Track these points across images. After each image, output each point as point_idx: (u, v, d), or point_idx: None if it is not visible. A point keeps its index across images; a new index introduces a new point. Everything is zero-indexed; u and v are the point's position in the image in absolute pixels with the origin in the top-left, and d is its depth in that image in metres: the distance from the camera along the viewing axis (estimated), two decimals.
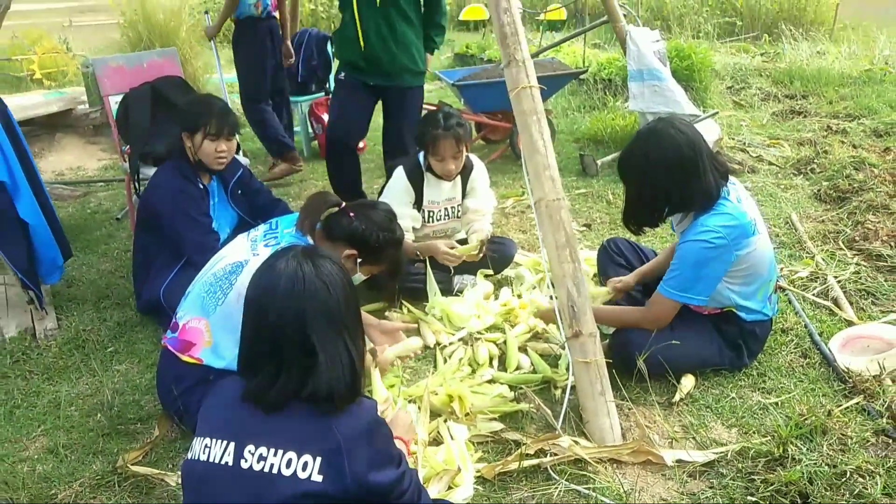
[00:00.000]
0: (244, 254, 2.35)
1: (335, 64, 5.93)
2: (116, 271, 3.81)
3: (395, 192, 3.26)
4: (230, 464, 1.43)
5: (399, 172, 3.30)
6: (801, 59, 7.97)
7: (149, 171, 3.63)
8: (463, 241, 3.33)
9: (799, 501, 2.00)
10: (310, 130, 5.93)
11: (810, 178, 4.67)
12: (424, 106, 4.25)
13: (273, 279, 1.50)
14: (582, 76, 6.09)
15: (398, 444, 1.82)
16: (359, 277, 2.44)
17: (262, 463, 1.41)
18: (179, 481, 2.12)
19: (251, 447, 1.43)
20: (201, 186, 3.10)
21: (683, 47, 6.46)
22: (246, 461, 1.42)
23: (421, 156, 3.27)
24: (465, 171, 3.35)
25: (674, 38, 8.29)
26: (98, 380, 2.80)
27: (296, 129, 6.18)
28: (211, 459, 1.46)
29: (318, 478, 1.39)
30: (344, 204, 2.41)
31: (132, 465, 2.26)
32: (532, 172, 2.46)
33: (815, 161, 4.86)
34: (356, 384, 1.50)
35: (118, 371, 2.87)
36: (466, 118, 5.22)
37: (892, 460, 2.14)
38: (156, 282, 3.06)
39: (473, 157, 3.45)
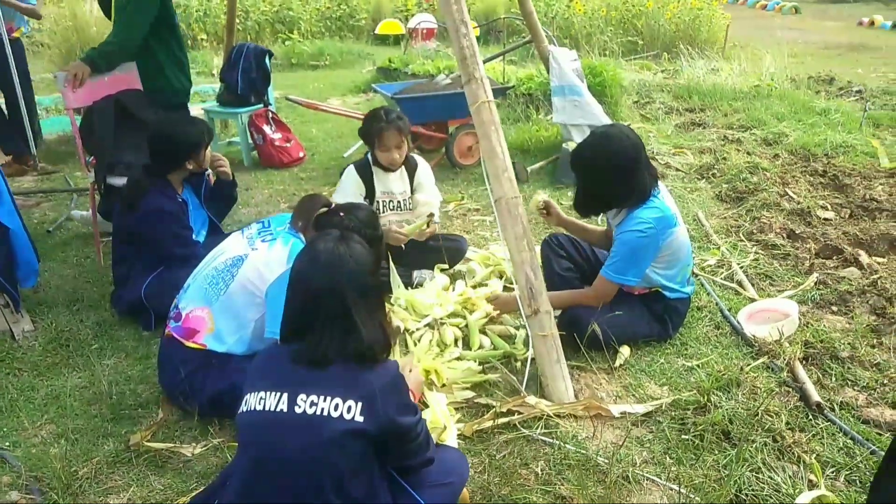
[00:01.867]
0: (243, 249, 2.63)
1: (273, 77, 6.22)
2: (80, 276, 3.94)
3: (347, 187, 3.62)
4: (285, 410, 1.74)
5: (349, 169, 3.68)
6: (698, 76, 8.79)
7: (116, 181, 3.80)
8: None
9: (722, 437, 2.47)
10: (249, 141, 6.13)
11: (712, 181, 5.30)
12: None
13: (315, 255, 1.83)
14: (508, 90, 6.56)
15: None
16: None
17: (313, 408, 1.72)
18: (193, 452, 2.40)
19: (303, 395, 1.73)
20: (180, 199, 3.35)
21: (596, 65, 7.06)
22: (299, 407, 1.73)
23: (370, 154, 3.64)
24: (411, 168, 3.74)
25: (584, 57, 8.95)
26: (90, 373, 2.97)
27: (235, 139, 6.39)
28: (267, 408, 1.75)
29: (360, 418, 1.71)
30: (334, 204, 2.73)
31: (145, 442, 2.49)
32: (492, 174, 2.85)
33: (716, 167, 5.50)
34: (388, 343, 1.83)
35: (108, 365, 3.05)
36: None
37: (791, 403, 2.65)
38: (137, 284, 3.27)
39: (417, 157, 3.85)
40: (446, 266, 3.71)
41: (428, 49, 11.03)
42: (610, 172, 2.87)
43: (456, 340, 3.15)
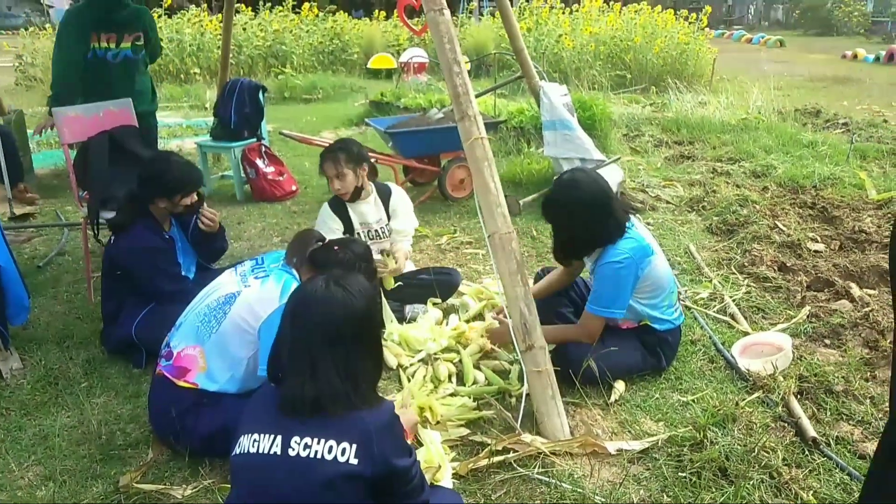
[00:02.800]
0: (235, 286, 2.62)
1: (267, 111, 6.25)
2: (70, 313, 3.91)
3: (324, 223, 3.66)
4: (278, 452, 1.71)
5: (324, 207, 3.75)
6: (686, 109, 8.92)
7: (109, 215, 3.80)
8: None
9: (719, 474, 2.45)
10: (242, 175, 6.14)
11: (702, 213, 5.34)
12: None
13: (307, 294, 1.82)
14: (501, 124, 6.62)
15: None
16: None
17: (307, 450, 1.70)
18: (184, 493, 2.36)
19: (297, 438, 1.72)
20: (167, 237, 3.35)
21: (585, 99, 7.15)
22: (293, 450, 1.71)
23: None
24: (384, 196, 3.80)
25: (573, 91, 9.07)
26: (79, 412, 2.93)
27: (228, 173, 6.40)
28: (261, 451, 1.73)
29: (354, 461, 1.69)
30: (328, 239, 2.72)
31: (135, 483, 2.45)
32: (485, 210, 2.85)
33: (706, 199, 5.55)
34: (360, 392, 1.78)
35: (97, 404, 3.01)
36: (396, 163, 5.68)
37: (787, 439, 2.64)
38: (127, 321, 3.25)
39: (392, 185, 3.92)
40: (439, 300, 3.70)
41: (420, 83, 11.15)
42: (585, 215, 2.92)
43: (450, 376, 3.14)
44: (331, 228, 3.60)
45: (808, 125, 8.73)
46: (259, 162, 6.06)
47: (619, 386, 3.00)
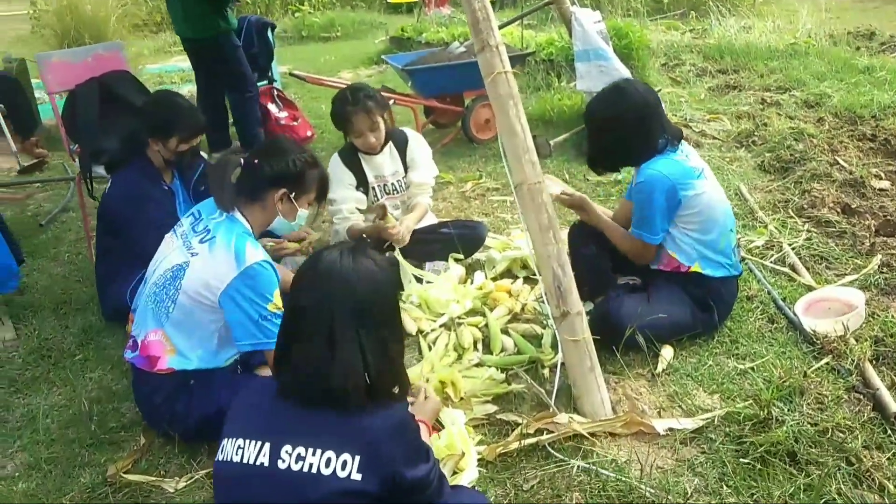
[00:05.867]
0: (181, 255, 2.26)
1: (281, 51, 5.84)
2: (71, 275, 3.66)
3: (335, 177, 3.25)
4: (266, 465, 1.42)
5: (334, 159, 3.33)
6: (729, 35, 8.24)
7: (101, 170, 3.50)
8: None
9: (787, 460, 2.11)
10: None
11: (752, 150, 4.86)
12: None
13: (312, 266, 1.52)
14: (528, 57, 6.13)
15: (422, 428, 1.85)
16: (304, 214, 2.41)
17: (300, 463, 1.40)
18: (176, 486, 2.10)
19: (288, 447, 1.41)
20: (165, 187, 3.01)
21: (621, 26, 6.58)
22: (283, 461, 1.41)
23: None
24: (400, 144, 3.38)
25: (607, 18, 8.44)
26: (71, 389, 2.69)
27: None
28: (245, 461, 1.44)
29: (357, 476, 1.39)
30: (244, 159, 2.33)
31: (124, 473, 2.20)
32: (511, 156, 2.48)
33: (756, 133, 5.05)
34: (378, 386, 1.49)
35: (91, 379, 2.77)
36: (416, 103, 5.26)
37: (865, 415, 2.28)
38: (122, 287, 2.95)
39: (407, 130, 3.49)
40: (462, 256, 3.36)
41: (442, 16, 10.56)
42: (624, 127, 2.68)
43: (475, 343, 2.82)
44: (342, 183, 3.24)
45: (863, 49, 8.01)
46: (271, 106, 5.68)
47: (667, 353, 2.65)
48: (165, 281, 2.24)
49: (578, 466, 2.15)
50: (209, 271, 2.17)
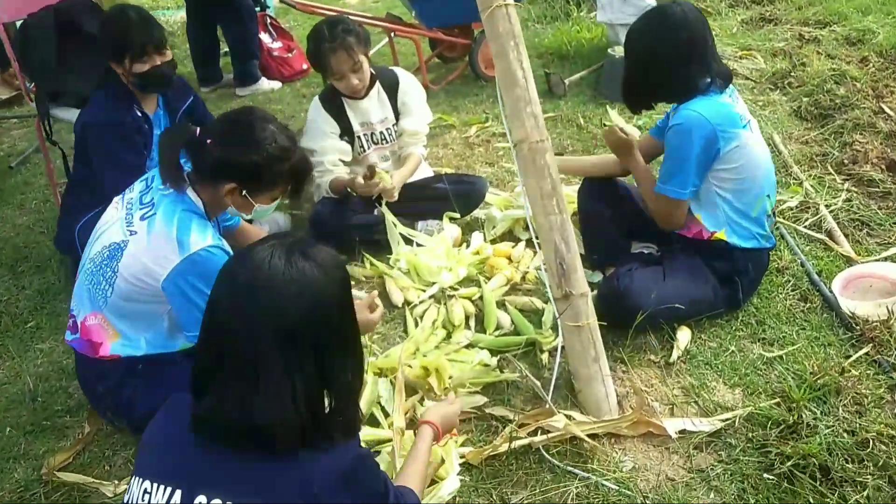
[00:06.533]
0: (119, 232, 1.94)
1: None
2: (35, 226, 3.38)
3: (315, 125, 2.91)
4: None
5: (314, 104, 2.95)
6: None
7: (62, 114, 3.16)
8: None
9: (819, 476, 1.81)
10: None
11: (788, 93, 4.39)
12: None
13: (232, 271, 1.20)
14: None
15: (425, 429, 1.69)
16: (265, 209, 2.05)
17: None
18: (115, 491, 1.85)
19: (202, 498, 1.13)
20: (140, 114, 2.66)
21: None
22: None
23: None
24: (390, 87, 2.99)
25: None
26: (17, 363, 2.43)
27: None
28: None
29: None
30: (198, 130, 1.97)
31: (60, 471, 1.95)
32: (510, 108, 2.10)
33: (792, 74, 4.57)
34: (317, 425, 1.18)
35: (41, 351, 2.51)
36: (420, 34, 4.81)
37: None
38: (75, 219, 2.64)
39: (399, 71, 3.09)
40: (457, 215, 3.01)
41: None
42: (660, 54, 2.32)
43: (467, 318, 2.51)
44: (324, 132, 2.88)
45: None
46: (264, 36, 5.25)
47: (683, 337, 2.33)
48: (102, 260, 1.93)
49: (577, 475, 1.87)
50: (148, 254, 1.86)
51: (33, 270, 2.99)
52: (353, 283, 2.74)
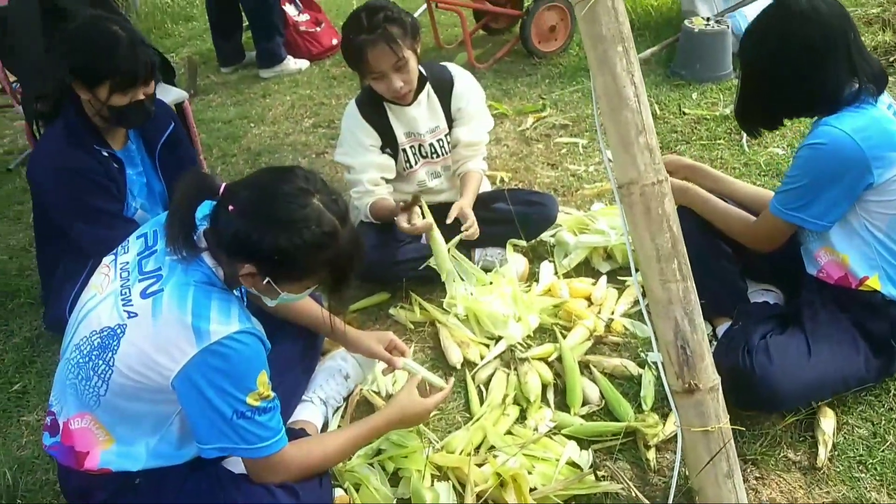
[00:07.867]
0: (113, 313, 1.45)
1: None
2: (31, 248, 2.92)
3: (352, 137, 2.38)
4: None
5: (350, 110, 2.41)
6: None
7: None
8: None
9: None
10: None
11: None
12: None
13: None
14: None
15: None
16: (293, 298, 1.54)
17: None
18: None
19: None
20: (105, 154, 2.15)
21: None
22: None
23: None
24: (443, 90, 2.43)
25: None
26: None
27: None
28: None
29: None
30: (223, 187, 1.46)
31: None
32: (615, 138, 1.56)
33: None
34: None
35: (26, 425, 2.07)
36: (464, 6, 4.22)
37: None
38: (62, 292, 2.19)
39: (453, 67, 2.49)
40: (523, 242, 2.49)
41: None
42: (781, 62, 1.83)
43: (544, 389, 2.01)
44: (362, 146, 2.35)
45: None
46: (288, 7, 4.71)
47: (828, 426, 1.80)
48: (91, 350, 1.45)
49: None
50: (154, 344, 1.38)
51: (25, 309, 2.56)
52: (403, 334, 2.26)
